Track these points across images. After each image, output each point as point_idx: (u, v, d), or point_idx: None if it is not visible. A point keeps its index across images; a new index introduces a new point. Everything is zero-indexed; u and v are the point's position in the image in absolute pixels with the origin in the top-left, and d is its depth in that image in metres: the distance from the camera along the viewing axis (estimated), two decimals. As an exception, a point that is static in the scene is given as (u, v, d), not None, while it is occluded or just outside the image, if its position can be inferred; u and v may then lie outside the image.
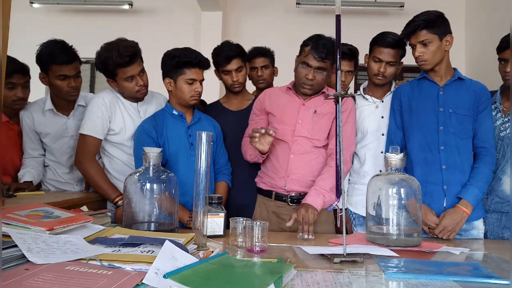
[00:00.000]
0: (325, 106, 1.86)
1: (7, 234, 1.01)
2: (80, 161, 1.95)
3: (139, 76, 1.92)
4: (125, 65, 1.86)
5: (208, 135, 1.32)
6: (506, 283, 1.02)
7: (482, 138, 1.75)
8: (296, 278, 1.01)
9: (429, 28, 1.73)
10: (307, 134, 1.83)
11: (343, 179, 1.32)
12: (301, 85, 1.83)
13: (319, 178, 1.76)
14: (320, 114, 1.85)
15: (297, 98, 1.89)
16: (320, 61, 1.76)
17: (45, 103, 2.20)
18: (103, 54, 1.88)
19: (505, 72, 1.80)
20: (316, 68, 1.77)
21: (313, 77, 1.77)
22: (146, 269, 0.93)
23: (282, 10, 4.91)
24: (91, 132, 1.93)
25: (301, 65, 1.80)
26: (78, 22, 5.04)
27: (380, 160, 1.94)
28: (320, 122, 1.84)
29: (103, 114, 1.94)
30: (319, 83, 1.81)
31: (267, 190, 1.90)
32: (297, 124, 1.84)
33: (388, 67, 1.93)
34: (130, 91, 1.94)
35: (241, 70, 2.19)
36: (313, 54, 1.76)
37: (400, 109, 1.88)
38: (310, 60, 1.76)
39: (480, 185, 1.70)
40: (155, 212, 1.45)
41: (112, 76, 1.92)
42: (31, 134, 2.20)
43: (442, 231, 1.66)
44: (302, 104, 1.87)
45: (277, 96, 1.93)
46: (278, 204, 1.87)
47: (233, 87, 2.20)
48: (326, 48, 1.75)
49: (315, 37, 1.80)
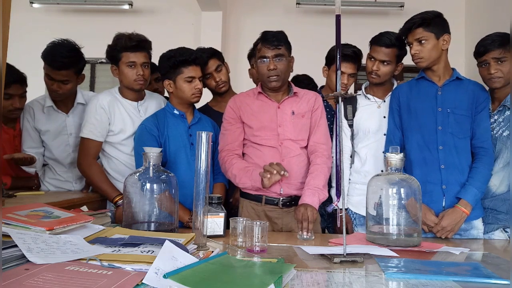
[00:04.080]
0: (301, 105, 1.85)
1: (7, 234, 1.01)
2: (81, 163, 1.99)
3: (141, 66, 1.95)
4: (130, 49, 1.92)
5: (208, 135, 1.32)
6: (506, 283, 1.02)
7: (481, 138, 1.75)
8: (296, 278, 1.01)
9: (425, 26, 1.74)
10: (291, 136, 1.81)
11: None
12: (267, 80, 1.79)
13: (310, 177, 1.75)
14: (298, 115, 1.83)
15: (271, 101, 1.85)
16: (274, 49, 1.76)
17: (45, 100, 2.22)
18: (115, 38, 1.95)
19: (490, 74, 1.78)
20: (273, 57, 1.76)
21: (274, 66, 1.76)
22: (146, 269, 0.93)
23: (282, 10, 4.90)
24: (90, 135, 1.96)
25: (259, 62, 1.79)
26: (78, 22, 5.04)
27: (382, 160, 1.94)
28: (300, 122, 1.83)
29: (102, 117, 1.95)
30: (282, 71, 1.78)
31: (255, 195, 1.83)
32: (278, 128, 1.81)
33: (382, 66, 1.93)
34: (129, 78, 1.95)
35: (220, 70, 2.19)
36: (265, 45, 1.77)
37: (399, 109, 1.89)
38: (265, 52, 1.77)
39: (479, 185, 1.71)
40: (155, 212, 1.45)
41: (116, 62, 1.96)
42: (32, 132, 2.22)
43: (440, 231, 1.67)
44: (277, 107, 1.84)
45: (250, 103, 1.87)
46: (268, 208, 1.82)
47: (218, 88, 2.20)
48: (275, 36, 1.77)
49: (262, 33, 1.83)
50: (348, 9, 4.49)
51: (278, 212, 1.82)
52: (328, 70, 2.26)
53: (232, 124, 1.87)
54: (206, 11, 4.71)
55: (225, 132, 1.88)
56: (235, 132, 1.86)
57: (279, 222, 1.81)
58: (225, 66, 2.24)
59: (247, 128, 1.86)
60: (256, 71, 1.86)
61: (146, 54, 1.98)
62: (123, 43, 1.91)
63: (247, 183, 1.76)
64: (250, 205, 1.85)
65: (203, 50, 2.17)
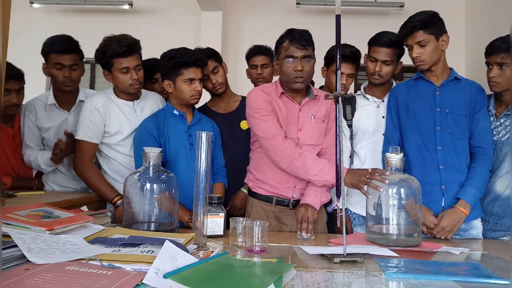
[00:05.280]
0: (320, 109, 1.82)
1: (7, 234, 1.01)
2: (77, 166, 1.98)
3: (134, 70, 1.93)
4: (121, 55, 1.88)
5: (208, 135, 1.32)
6: (506, 283, 1.02)
7: (479, 138, 1.75)
8: (296, 278, 1.01)
9: (425, 29, 1.73)
10: (311, 141, 1.78)
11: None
12: (292, 81, 1.73)
13: None
14: (318, 119, 1.81)
15: (293, 103, 1.79)
16: (303, 49, 1.70)
17: (48, 98, 2.23)
18: (103, 43, 1.92)
19: (489, 77, 1.79)
20: (302, 58, 1.71)
21: (301, 67, 1.70)
22: (146, 269, 0.93)
23: (282, 10, 4.90)
24: (85, 137, 1.96)
25: (286, 61, 1.72)
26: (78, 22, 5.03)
27: (380, 160, 1.94)
28: (320, 127, 1.81)
29: (96, 119, 1.95)
30: (308, 73, 1.74)
31: (266, 195, 1.83)
32: (298, 132, 1.77)
33: (384, 67, 1.93)
34: (124, 84, 1.94)
35: (217, 71, 2.17)
36: (294, 45, 1.70)
37: (397, 109, 1.89)
38: (294, 52, 1.70)
39: (478, 185, 1.70)
40: (155, 212, 1.45)
41: (108, 67, 1.93)
42: (34, 129, 2.23)
43: (440, 231, 1.67)
44: (299, 110, 1.80)
45: (276, 101, 1.78)
46: (278, 209, 1.82)
47: (215, 90, 2.18)
48: (304, 36, 1.71)
49: (289, 31, 1.76)
50: (348, 9, 4.49)
51: (288, 213, 1.81)
52: (327, 70, 2.26)
53: (270, 112, 1.74)
54: (206, 11, 4.71)
55: (266, 118, 1.72)
56: (273, 118, 1.74)
57: (288, 223, 1.81)
58: (223, 67, 2.23)
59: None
60: (279, 70, 1.79)
61: (137, 56, 1.96)
62: (113, 48, 1.87)
63: (328, 175, 1.59)
64: (260, 205, 1.84)
65: (200, 50, 2.16)
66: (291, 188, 1.79)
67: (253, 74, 2.48)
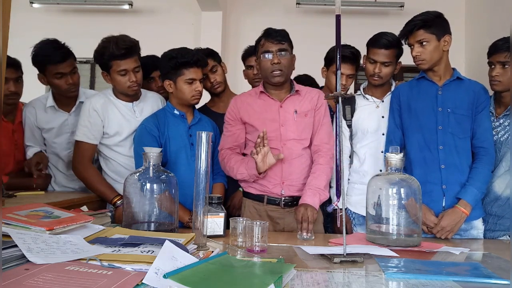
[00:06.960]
0: (303, 104, 1.84)
1: (7, 234, 1.01)
2: (76, 167, 1.99)
3: (133, 72, 1.92)
4: (120, 57, 1.87)
5: (208, 135, 1.32)
6: (506, 283, 1.02)
7: (481, 138, 1.75)
8: (296, 278, 1.01)
9: (426, 28, 1.74)
10: (294, 136, 1.80)
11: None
12: (270, 75, 1.77)
13: (312, 177, 1.75)
14: (301, 114, 1.82)
15: (273, 100, 1.83)
16: (278, 43, 1.76)
17: (47, 99, 2.24)
18: (102, 44, 1.91)
19: (491, 76, 1.80)
20: (277, 51, 1.75)
21: (278, 60, 1.74)
22: (146, 269, 0.93)
23: (282, 10, 4.91)
24: (84, 138, 1.96)
25: (262, 56, 1.78)
26: (78, 22, 5.04)
27: (380, 160, 1.95)
28: (303, 121, 1.82)
29: (95, 119, 1.95)
30: (286, 66, 1.77)
31: (257, 195, 1.83)
32: (280, 127, 1.80)
33: (383, 68, 1.93)
34: (122, 86, 1.94)
35: (216, 70, 2.18)
36: (269, 40, 1.77)
37: (399, 108, 1.89)
38: (269, 46, 1.76)
39: (479, 185, 1.70)
40: (155, 212, 1.45)
41: (107, 69, 1.93)
42: (34, 130, 2.24)
43: (440, 231, 1.67)
44: (279, 106, 1.82)
45: (251, 103, 1.85)
46: (270, 208, 1.82)
47: (214, 89, 2.19)
48: (278, 32, 1.78)
49: (265, 30, 1.83)
50: (348, 9, 4.49)
51: (280, 212, 1.81)
52: (327, 71, 2.26)
53: (232, 125, 1.87)
54: (206, 11, 4.71)
55: (226, 133, 1.88)
56: (235, 133, 1.86)
57: (281, 222, 1.81)
58: (221, 66, 2.23)
59: (249, 128, 1.85)
60: (259, 68, 1.84)
61: (136, 57, 1.94)
62: (111, 50, 1.86)
63: (244, 172, 1.76)
64: (252, 205, 1.85)
65: (199, 50, 2.16)
66: (279, 185, 1.79)
67: (250, 75, 2.47)
